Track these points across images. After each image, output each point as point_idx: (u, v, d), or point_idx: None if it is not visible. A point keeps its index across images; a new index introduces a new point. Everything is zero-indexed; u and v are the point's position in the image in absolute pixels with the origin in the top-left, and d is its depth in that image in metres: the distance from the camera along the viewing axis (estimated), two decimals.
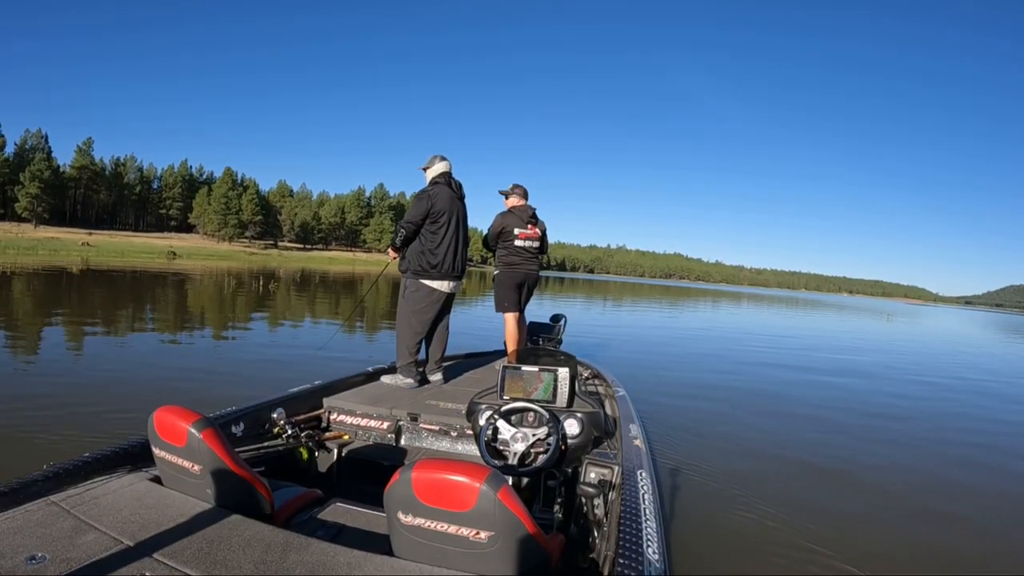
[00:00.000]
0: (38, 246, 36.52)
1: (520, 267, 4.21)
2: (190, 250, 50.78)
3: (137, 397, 4.37)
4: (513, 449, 2.08)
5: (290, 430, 2.48)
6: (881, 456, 4.42)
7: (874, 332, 20.78)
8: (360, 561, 1.28)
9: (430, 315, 3.49)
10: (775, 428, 5.10)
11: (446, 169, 3.53)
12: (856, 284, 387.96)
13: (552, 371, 2.38)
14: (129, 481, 1.61)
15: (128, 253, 38.77)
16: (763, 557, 2.65)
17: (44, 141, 63.41)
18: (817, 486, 3.69)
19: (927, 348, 15.86)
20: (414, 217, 3.39)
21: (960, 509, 3.46)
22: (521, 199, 4.22)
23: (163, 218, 77.35)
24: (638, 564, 1.36)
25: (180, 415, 1.50)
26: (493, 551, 1.23)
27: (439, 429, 2.76)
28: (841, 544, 2.83)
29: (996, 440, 5.29)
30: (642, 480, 1.90)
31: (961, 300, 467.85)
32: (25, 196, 57.64)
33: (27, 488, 1.48)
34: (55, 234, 49.05)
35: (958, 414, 6.47)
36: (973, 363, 12.55)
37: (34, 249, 34.14)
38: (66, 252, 34.24)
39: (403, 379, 3.36)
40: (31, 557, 1.19)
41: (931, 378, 9.18)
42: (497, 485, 1.20)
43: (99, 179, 69.22)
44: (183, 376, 5.27)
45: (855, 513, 3.27)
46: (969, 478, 4.08)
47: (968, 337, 23.77)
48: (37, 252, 32.37)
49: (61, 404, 4.04)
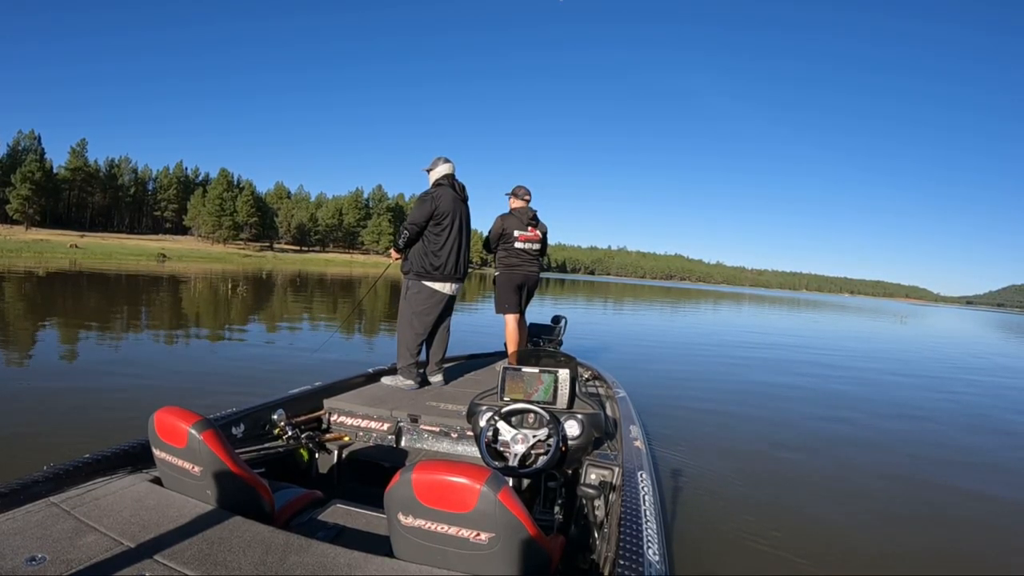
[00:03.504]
0: (24, 248, 35.82)
1: (520, 269, 4.21)
2: (182, 252, 50.35)
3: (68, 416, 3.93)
4: (513, 450, 2.08)
5: (290, 431, 2.48)
6: (887, 461, 4.40)
7: (890, 336, 19.63)
8: (360, 562, 1.28)
9: (431, 317, 3.49)
10: (776, 430, 5.11)
11: (449, 171, 3.53)
12: (857, 284, 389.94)
13: (552, 372, 2.38)
14: (129, 482, 1.61)
15: (117, 255, 38.15)
16: (764, 558, 2.66)
17: (37, 142, 63.04)
18: (818, 488, 3.69)
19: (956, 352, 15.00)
20: (418, 219, 3.39)
21: (965, 514, 3.45)
22: (522, 201, 4.23)
23: (158, 220, 77.02)
24: (639, 565, 1.36)
25: (180, 416, 1.49)
26: (493, 552, 1.23)
27: (439, 430, 2.76)
28: (842, 545, 2.84)
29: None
30: (643, 481, 1.90)
31: (962, 300, 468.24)
32: (16, 198, 57.18)
33: (27, 489, 1.48)
34: (45, 236, 48.64)
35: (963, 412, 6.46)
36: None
37: (19, 251, 33.33)
38: (52, 254, 33.53)
39: (403, 380, 3.36)
40: (31, 558, 1.18)
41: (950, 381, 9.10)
42: (497, 486, 1.20)
43: (93, 181, 68.88)
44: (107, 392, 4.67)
45: (856, 514, 3.27)
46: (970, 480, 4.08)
47: (994, 342, 22.35)
48: (22, 255, 31.59)
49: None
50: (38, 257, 30.70)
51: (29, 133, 62.71)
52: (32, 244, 40.12)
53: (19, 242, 41.03)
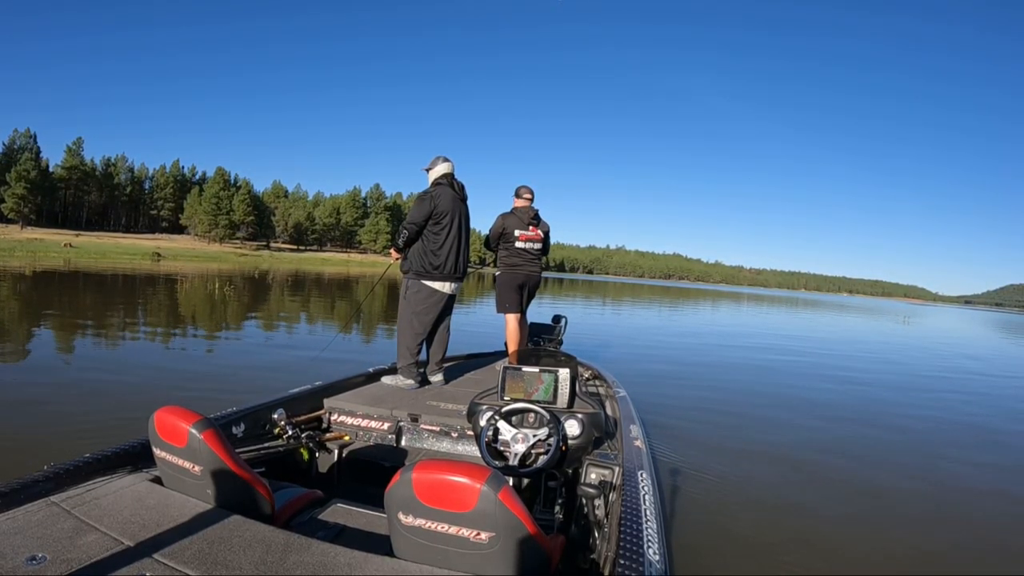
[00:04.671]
0: (17, 247, 35.58)
1: (521, 268, 4.22)
2: (177, 251, 50.16)
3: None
4: (514, 450, 2.08)
5: (291, 431, 2.48)
6: (889, 461, 4.39)
7: (893, 336, 19.09)
8: (360, 562, 1.28)
9: (431, 316, 3.49)
10: (777, 429, 5.10)
11: (449, 170, 3.53)
12: (856, 284, 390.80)
13: (553, 372, 2.38)
14: (130, 482, 1.61)
15: (111, 255, 37.95)
16: (764, 558, 2.66)
17: (33, 141, 62.72)
18: (819, 488, 3.69)
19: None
20: (417, 218, 3.39)
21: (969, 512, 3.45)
22: (524, 201, 4.24)
23: (155, 219, 76.69)
24: (639, 565, 1.37)
25: (181, 416, 1.49)
26: (494, 552, 1.23)
27: (440, 430, 2.76)
28: (842, 545, 2.85)
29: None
30: (643, 481, 1.91)
31: (961, 300, 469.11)
32: (11, 197, 56.90)
33: (27, 488, 1.48)
34: (40, 235, 48.39)
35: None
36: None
37: (12, 251, 33.05)
38: (45, 253, 33.22)
39: (404, 380, 3.36)
40: (31, 557, 1.18)
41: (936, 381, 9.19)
42: (498, 486, 1.20)
43: (89, 180, 68.54)
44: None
45: (857, 514, 3.27)
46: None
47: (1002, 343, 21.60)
48: (15, 254, 31.28)
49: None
50: (31, 256, 30.41)
51: (25, 132, 62.40)
52: (26, 243, 39.91)
53: (12, 241, 40.79)
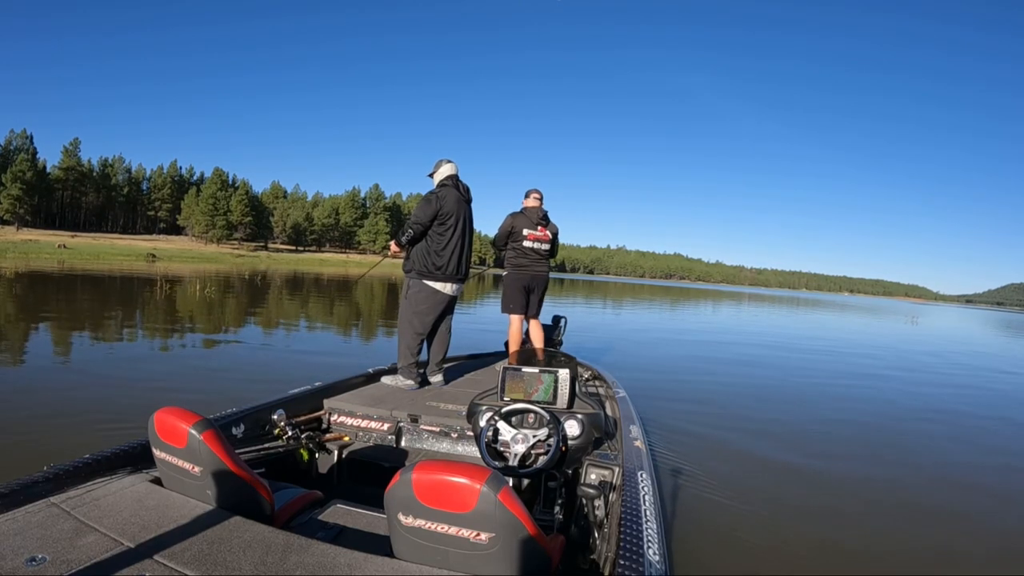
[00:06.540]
0: (11, 248, 35.12)
1: (528, 269, 4.23)
2: (173, 252, 49.80)
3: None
4: (514, 450, 2.08)
5: (290, 431, 2.48)
6: (890, 461, 4.38)
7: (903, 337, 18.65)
8: (360, 562, 1.28)
9: (432, 316, 3.49)
10: (777, 430, 5.10)
11: (453, 171, 3.54)
12: (857, 283, 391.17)
13: (552, 372, 2.39)
14: (130, 482, 1.60)
15: (106, 256, 37.57)
16: (764, 558, 2.66)
17: (29, 142, 62.46)
18: (819, 488, 3.69)
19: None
20: (422, 218, 3.39)
21: (964, 507, 3.46)
22: (534, 201, 4.27)
23: (152, 220, 76.48)
24: (639, 565, 1.37)
25: (180, 416, 1.49)
26: (494, 552, 1.23)
27: (440, 430, 2.76)
28: (842, 545, 2.85)
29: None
30: (643, 481, 1.91)
31: (962, 299, 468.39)
32: (7, 198, 56.59)
33: (27, 489, 1.48)
34: (36, 236, 48.13)
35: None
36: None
37: (4, 252, 32.50)
38: (38, 255, 32.82)
39: (404, 380, 3.36)
40: (31, 558, 1.18)
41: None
42: (498, 486, 1.20)
43: (86, 180, 68.28)
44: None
45: (857, 514, 3.28)
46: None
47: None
48: (7, 255, 30.79)
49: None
50: (22, 258, 30.06)
51: (21, 132, 62.18)
52: (20, 244, 39.62)
53: (6, 242, 40.38)
